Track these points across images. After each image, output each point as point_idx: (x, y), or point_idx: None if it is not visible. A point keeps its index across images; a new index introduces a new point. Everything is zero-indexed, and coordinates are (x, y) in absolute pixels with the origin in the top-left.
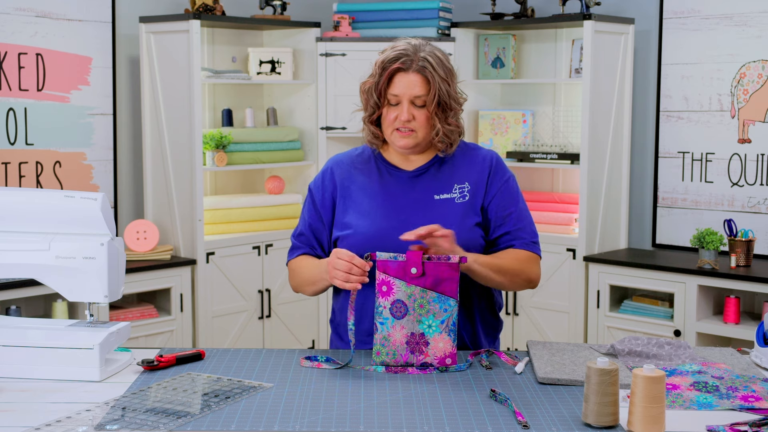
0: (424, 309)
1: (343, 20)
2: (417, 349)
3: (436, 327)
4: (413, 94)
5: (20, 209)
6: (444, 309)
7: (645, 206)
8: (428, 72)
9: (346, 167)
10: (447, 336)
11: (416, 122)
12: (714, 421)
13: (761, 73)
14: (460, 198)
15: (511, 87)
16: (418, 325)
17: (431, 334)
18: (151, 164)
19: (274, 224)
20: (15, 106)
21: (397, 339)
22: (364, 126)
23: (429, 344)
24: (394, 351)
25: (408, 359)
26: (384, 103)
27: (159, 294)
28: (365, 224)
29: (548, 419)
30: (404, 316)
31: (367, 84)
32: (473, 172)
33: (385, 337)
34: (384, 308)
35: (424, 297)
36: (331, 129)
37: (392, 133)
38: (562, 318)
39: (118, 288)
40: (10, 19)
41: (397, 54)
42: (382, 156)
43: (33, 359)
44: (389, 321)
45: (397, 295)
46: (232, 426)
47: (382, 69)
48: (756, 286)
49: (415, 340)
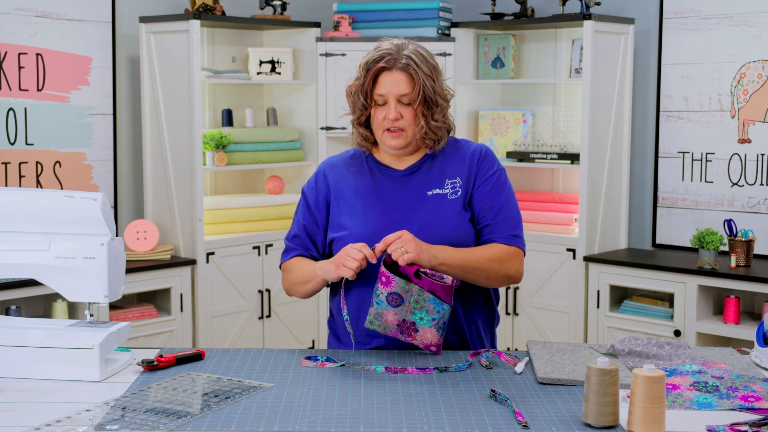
0: (419, 304)
1: (343, 20)
2: (406, 332)
3: (428, 321)
4: (399, 92)
5: (20, 209)
6: (437, 310)
7: (645, 206)
8: (412, 69)
9: (339, 169)
10: (435, 331)
11: (404, 120)
12: (714, 421)
13: (761, 73)
14: (453, 194)
15: (511, 87)
16: (410, 315)
17: (422, 325)
18: (151, 164)
19: (274, 224)
20: (15, 106)
21: (390, 319)
22: (353, 130)
23: (418, 332)
24: (386, 326)
25: (397, 335)
26: (371, 105)
27: (159, 294)
28: (360, 224)
29: (548, 419)
30: (399, 306)
31: (353, 87)
32: (464, 166)
33: (378, 314)
34: (381, 293)
35: (420, 295)
36: (331, 129)
37: (383, 134)
38: (562, 318)
39: (118, 288)
40: (10, 19)
41: (380, 54)
42: (373, 156)
43: (33, 359)
44: (384, 304)
45: (395, 289)
46: (232, 426)
47: (367, 70)
48: (756, 286)
49: (405, 326)
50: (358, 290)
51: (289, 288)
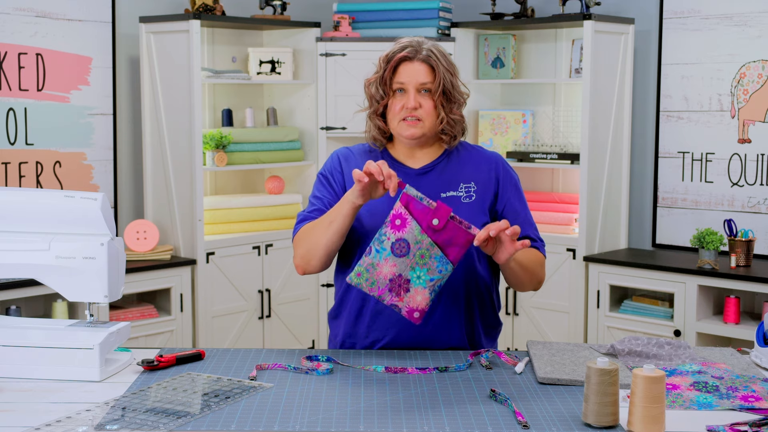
0: (423, 260)
1: (343, 20)
2: (395, 290)
3: (424, 281)
4: (419, 81)
5: (20, 209)
6: (439, 270)
7: (645, 206)
8: (433, 60)
9: (354, 159)
10: (428, 293)
11: (422, 110)
12: (714, 421)
13: (761, 73)
14: (467, 198)
15: (511, 87)
16: (409, 270)
17: (416, 285)
18: (151, 164)
19: (274, 224)
20: (15, 106)
21: (383, 272)
22: (368, 123)
23: (408, 291)
24: (374, 281)
25: (382, 294)
26: (390, 94)
27: (159, 294)
28: (371, 220)
29: (548, 419)
30: (402, 256)
31: (372, 78)
32: (480, 172)
33: (372, 265)
34: (387, 239)
35: (429, 250)
36: (331, 129)
37: (399, 124)
38: (562, 318)
39: (118, 288)
40: (10, 19)
41: (401, 46)
42: (388, 152)
43: (33, 359)
44: (385, 253)
45: (407, 235)
46: (232, 426)
47: (387, 60)
48: (756, 286)
49: (398, 282)
50: (359, 294)
51: (304, 254)
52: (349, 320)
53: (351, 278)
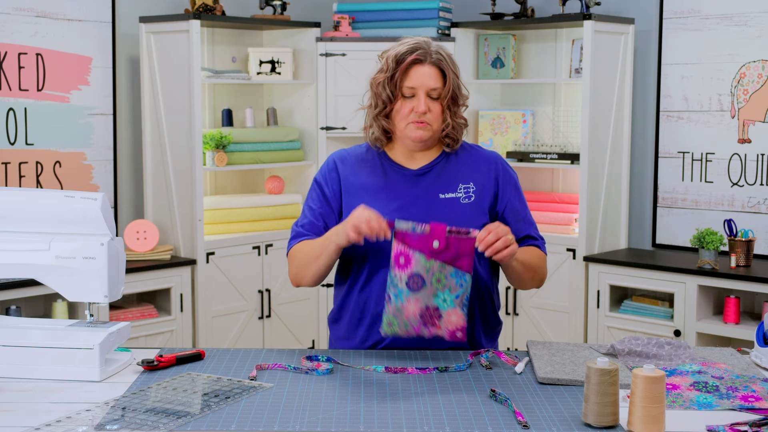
0: (441, 284)
1: (343, 20)
2: (430, 321)
3: (451, 301)
4: (429, 86)
5: (20, 209)
6: (460, 284)
7: (645, 206)
8: (444, 64)
9: (350, 163)
10: (460, 310)
11: (431, 115)
12: (714, 421)
13: (761, 73)
14: (466, 198)
15: (511, 87)
16: (433, 298)
17: (445, 308)
18: (151, 164)
19: (274, 224)
20: (15, 106)
21: (411, 311)
22: (370, 124)
23: (442, 317)
24: (406, 322)
25: (420, 331)
26: (398, 97)
27: (159, 294)
28: None
29: (548, 419)
30: (420, 289)
31: (379, 78)
32: (479, 172)
33: (398, 309)
34: (400, 280)
35: (442, 272)
36: (331, 129)
37: (407, 126)
38: (562, 318)
39: (118, 288)
40: (10, 19)
41: (411, 47)
42: (386, 154)
43: (33, 359)
44: (404, 293)
45: (416, 269)
46: (232, 426)
47: (398, 62)
48: (756, 286)
49: (428, 313)
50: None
51: (297, 273)
52: (350, 325)
53: (383, 329)
